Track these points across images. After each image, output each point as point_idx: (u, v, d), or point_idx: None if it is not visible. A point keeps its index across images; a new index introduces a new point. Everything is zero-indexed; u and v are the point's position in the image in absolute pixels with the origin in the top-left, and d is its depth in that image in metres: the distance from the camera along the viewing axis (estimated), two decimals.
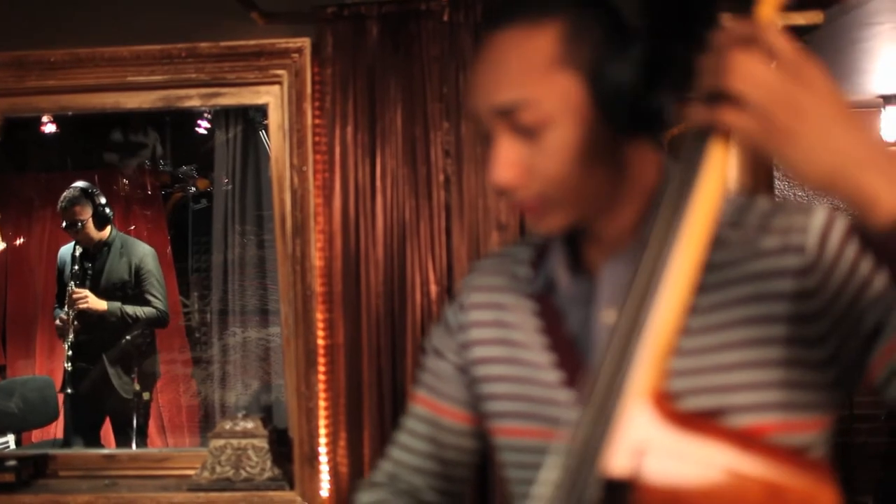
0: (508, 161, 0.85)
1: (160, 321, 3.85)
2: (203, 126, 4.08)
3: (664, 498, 0.63)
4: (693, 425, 0.66)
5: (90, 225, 3.74)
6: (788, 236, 0.85)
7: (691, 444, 0.64)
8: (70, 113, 2.99)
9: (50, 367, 4.67)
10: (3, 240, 4.22)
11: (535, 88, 0.83)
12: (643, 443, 0.64)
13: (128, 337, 3.79)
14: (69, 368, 3.69)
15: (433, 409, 1.09)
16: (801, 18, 2.30)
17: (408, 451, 1.11)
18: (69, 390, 3.69)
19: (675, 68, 0.78)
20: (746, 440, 0.66)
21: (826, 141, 0.67)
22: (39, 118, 3.90)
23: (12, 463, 2.68)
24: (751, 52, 0.67)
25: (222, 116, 4.00)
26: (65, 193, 3.76)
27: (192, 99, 2.67)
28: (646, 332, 0.67)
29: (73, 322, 3.66)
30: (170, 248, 4.70)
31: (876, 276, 0.81)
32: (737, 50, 0.67)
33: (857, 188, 0.67)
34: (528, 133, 0.85)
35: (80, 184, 3.82)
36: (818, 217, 0.85)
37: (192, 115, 3.98)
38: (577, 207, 0.88)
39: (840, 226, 0.84)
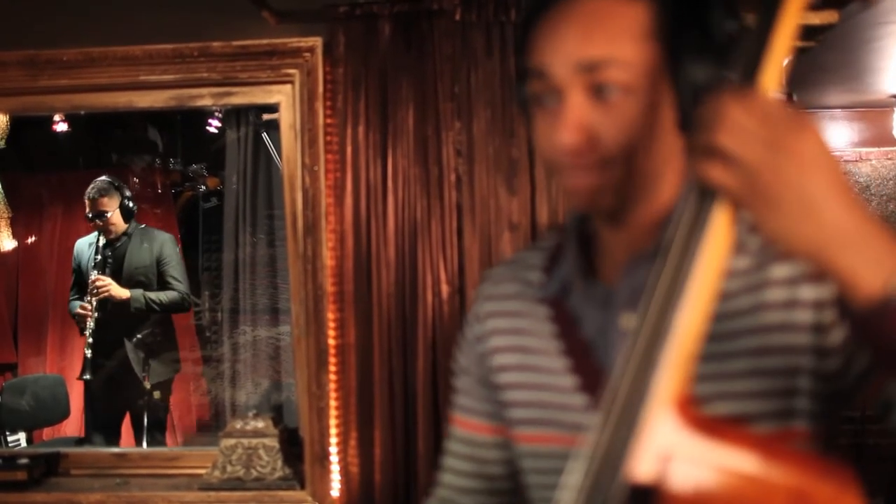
0: (579, 121, 0.83)
1: (183, 304, 3.90)
2: (214, 125, 4.09)
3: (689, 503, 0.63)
4: (717, 431, 0.65)
5: (116, 216, 3.80)
6: None
7: (716, 450, 0.64)
8: (82, 112, 3.00)
9: (61, 365, 4.68)
10: (14, 239, 4.24)
11: (630, 50, 0.83)
12: (668, 449, 0.64)
13: (146, 331, 3.81)
14: (89, 356, 3.70)
15: (468, 427, 1.09)
16: (815, 18, 2.29)
17: (454, 473, 1.11)
18: (87, 376, 3.70)
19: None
20: (770, 446, 0.65)
21: (808, 215, 0.65)
22: (51, 117, 3.92)
23: (24, 461, 2.69)
24: (745, 107, 0.65)
25: (233, 115, 4.00)
26: (93, 184, 3.81)
27: (204, 98, 2.67)
28: (670, 337, 0.66)
29: (94, 311, 3.69)
30: (180, 246, 4.71)
31: None
32: (733, 104, 0.66)
33: (838, 266, 0.65)
34: (605, 94, 0.83)
35: (106, 177, 3.87)
36: None
37: (203, 114, 3.99)
38: (626, 185, 0.86)
39: None
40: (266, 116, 3.84)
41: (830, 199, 0.65)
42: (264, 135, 3.96)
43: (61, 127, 3.96)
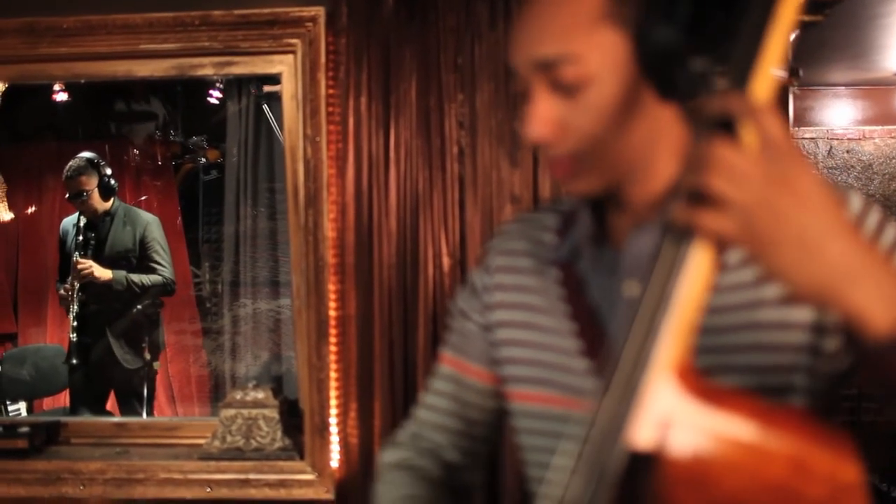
0: (545, 116, 0.84)
1: (166, 289, 3.85)
2: (215, 96, 4.06)
3: (688, 471, 0.63)
4: (717, 399, 0.65)
5: (95, 195, 3.73)
6: None
7: (715, 417, 0.64)
8: (82, 81, 2.97)
9: (61, 335, 4.69)
10: (11, 211, 4.22)
11: (580, 43, 0.82)
12: (668, 416, 0.64)
13: (135, 308, 3.79)
14: (74, 339, 3.69)
15: (457, 367, 1.10)
16: None
17: (432, 409, 1.12)
18: (74, 361, 3.69)
19: (715, 35, 0.76)
20: (770, 414, 0.65)
21: (811, 253, 0.62)
22: (51, 86, 3.89)
23: (25, 430, 2.70)
24: (735, 147, 0.63)
25: (234, 86, 3.98)
26: (70, 163, 3.74)
27: (206, 67, 2.65)
28: (672, 306, 0.65)
29: (77, 293, 3.66)
30: (180, 218, 4.70)
31: None
32: (720, 144, 0.63)
33: (846, 304, 0.63)
34: (567, 89, 0.83)
35: (85, 154, 3.80)
36: (855, 201, 0.84)
37: (204, 85, 3.96)
38: (609, 170, 0.87)
39: (876, 211, 0.84)
40: (267, 88, 3.80)
41: (832, 235, 0.63)
42: (265, 106, 3.93)
43: (61, 96, 3.93)
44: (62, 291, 3.75)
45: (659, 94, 0.84)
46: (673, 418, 0.63)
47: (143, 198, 4.32)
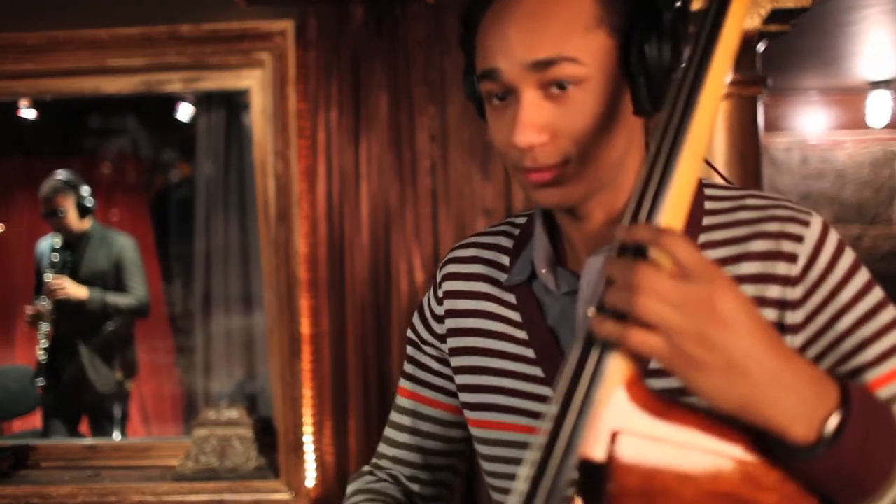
0: (534, 119, 0.82)
1: (141, 311, 3.81)
2: (184, 111, 4.02)
3: (640, 480, 0.63)
4: (667, 411, 0.65)
5: (71, 215, 3.68)
6: (780, 243, 0.83)
7: (665, 428, 0.64)
8: (48, 98, 2.93)
9: (31, 356, 4.61)
10: None
11: (576, 45, 0.81)
12: (618, 426, 0.64)
13: (107, 328, 3.74)
14: (43, 360, 3.63)
15: (415, 398, 1.08)
16: (789, 1, 2.28)
17: (390, 443, 1.11)
18: (41, 382, 3.63)
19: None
20: (718, 424, 0.65)
21: (734, 376, 0.63)
22: (16, 102, 3.83)
23: None
24: (658, 271, 0.63)
25: (204, 101, 3.94)
26: (46, 182, 3.69)
27: (174, 83, 2.62)
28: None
29: (50, 313, 3.60)
30: (152, 234, 4.64)
31: (863, 298, 0.81)
32: (643, 267, 0.63)
33: (769, 418, 0.64)
34: (557, 91, 0.82)
35: (62, 173, 3.75)
36: (813, 229, 0.83)
37: (174, 100, 3.92)
38: (592, 178, 0.85)
39: (833, 241, 0.83)
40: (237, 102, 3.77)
41: (756, 354, 0.64)
42: (236, 120, 3.89)
43: (28, 113, 3.87)
44: (29, 310, 3.69)
45: (636, 103, 0.84)
46: (623, 428, 0.64)
47: (114, 214, 4.25)
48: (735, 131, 2.43)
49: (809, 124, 5.33)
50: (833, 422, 0.65)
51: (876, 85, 4.96)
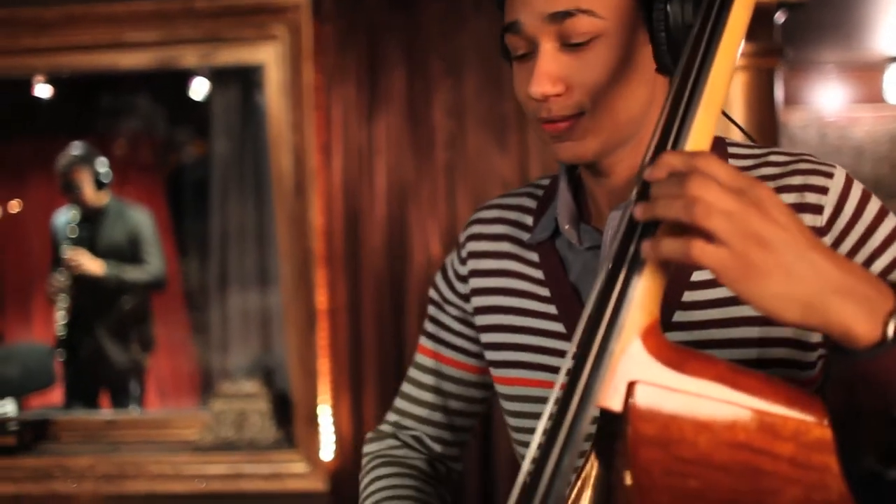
0: (550, 70, 0.83)
1: (158, 284, 3.83)
2: (199, 89, 4.02)
3: (657, 428, 0.63)
4: (684, 360, 0.65)
5: (88, 188, 3.69)
6: (805, 195, 0.84)
7: (682, 378, 0.64)
8: (65, 74, 2.94)
9: (48, 333, 4.65)
10: None
11: None
12: (635, 377, 0.64)
13: (124, 304, 3.77)
14: (63, 335, 3.66)
15: (437, 358, 1.09)
16: None
17: (413, 401, 1.11)
18: (62, 357, 3.66)
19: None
20: (737, 374, 0.65)
21: (795, 277, 0.62)
22: (31, 80, 3.85)
23: (14, 427, 2.68)
24: (708, 181, 0.62)
25: (219, 78, 3.95)
26: (64, 155, 3.70)
27: (189, 58, 2.62)
28: (637, 275, 0.65)
29: (68, 287, 3.63)
30: (167, 211, 4.66)
31: (894, 241, 0.82)
32: (696, 178, 0.62)
33: (832, 319, 0.63)
34: (574, 44, 0.82)
35: (78, 146, 3.76)
36: (837, 179, 0.84)
37: (188, 77, 3.92)
38: (610, 132, 0.85)
39: (857, 190, 0.84)
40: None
41: (812, 256, 0.63)
42: (251, 97, 3.89)
43: (44, 90, 3.88)
44: (54, 283, 3.71)
45: (656, 62, 0.84)
46: (641, 378, 0.63)
47: (129, 192, 4.27)
48: (752, 105, 2.42)
49: (827, 99, 5.28)
50: None
51: (895, 59, 4.91)
